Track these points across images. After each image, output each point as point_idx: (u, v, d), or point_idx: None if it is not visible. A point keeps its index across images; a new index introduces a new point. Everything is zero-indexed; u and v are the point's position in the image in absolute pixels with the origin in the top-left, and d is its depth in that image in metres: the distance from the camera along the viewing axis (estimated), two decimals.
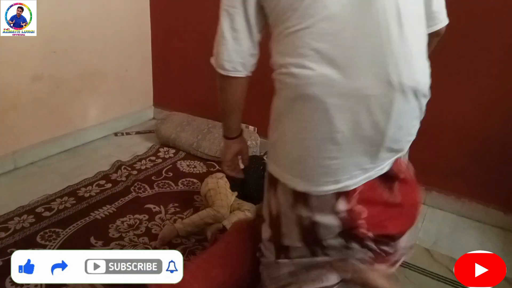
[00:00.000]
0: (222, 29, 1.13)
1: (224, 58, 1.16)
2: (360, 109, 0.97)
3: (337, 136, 0.99)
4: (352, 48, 0.96)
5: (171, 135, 3.04)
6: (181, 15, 3.15)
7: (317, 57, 0.97)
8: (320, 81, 0.97)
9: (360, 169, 1.04)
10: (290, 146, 1.07)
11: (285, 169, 1.08)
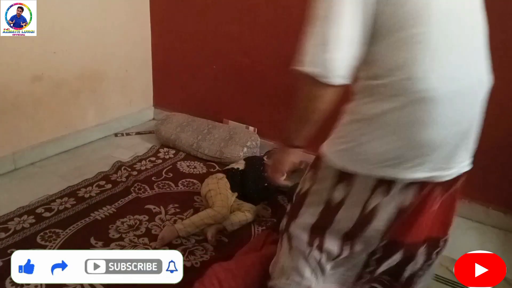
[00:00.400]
0: (336, 31, 0.99)
1: (337, 65, 1.00)
2: (465, 106, 1.06)
3: (442, 132, 1.05)
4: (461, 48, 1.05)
5: (171, 136, 3.04)
6: (181, 15, 3.15)
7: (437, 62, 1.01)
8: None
9: (440, 165, 1.10)
10: (390, 143, 1.06)
11: (374, 163, 1.09)
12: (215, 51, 3.06)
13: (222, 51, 3.03)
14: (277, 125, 2.96)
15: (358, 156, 1.10)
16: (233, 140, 2.87)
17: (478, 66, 1.09)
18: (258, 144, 2.93)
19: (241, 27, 2.86)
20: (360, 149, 1.09)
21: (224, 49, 3.01)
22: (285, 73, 2.86)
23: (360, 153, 1.10)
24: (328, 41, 0.99)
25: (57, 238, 1.97)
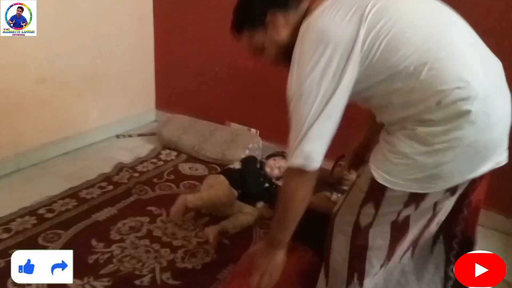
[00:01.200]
0: (325, 119, 1.09)
1: (321, 152, 1.11)
2: (501, 96, 1.11)
3: (491, 144, 1.10)
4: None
5: (173, 138, 3.04)
6: (184, 18, 3.16)
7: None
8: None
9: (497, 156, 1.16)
10: (465, 158, 1.09)
11: (450, 178, 1.12)
12: (218, 53, 3.07)
13: (225, 53, 3.03)
14: (279, 127, 2.95)
15: (435, 178, 1.11)
16: (235, 142, 2.87)
17: (489, 56, 1.15)
18: (260, 146, 2.94)
19: None
20: (437, 173, 1.09)
21: (227, 51, 3.01)
22: (286, 75, 2.86)
23: (437, 175, 1.10)
24: (307, 139, 1.09)
25: (59, 239, 1.97)
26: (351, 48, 1.06)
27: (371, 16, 1.06)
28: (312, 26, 1.12)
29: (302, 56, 1.11)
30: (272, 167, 2.49)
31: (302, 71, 1.10)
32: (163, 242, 2.01)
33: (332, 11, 1.10)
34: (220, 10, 2.94)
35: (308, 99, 1.09)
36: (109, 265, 1.82)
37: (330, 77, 1.07)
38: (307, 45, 1.10)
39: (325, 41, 1.07)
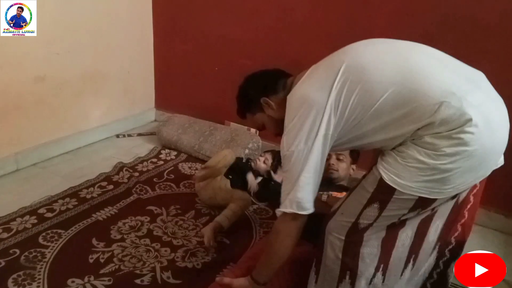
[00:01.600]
0: (310, 164, 1.23)
1: (310, 199, 1.26)
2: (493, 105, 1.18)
3: (497, 148, 1.17)
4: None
5: (173, 137, 3.05)
6: (184, 17, 3.16)
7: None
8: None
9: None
10: (474, 166, 1.14)
11: (459, 184, 1.16)
12: (217, 53, 3.07)
13: (224, 53, 3.03)
14: None
15: (445, 183, 1.14)
16: (234, 142, 2.87)
17: (467, 67, 1.23)
18: (260, 146, 2.94)
19: (243, 29, 2.87)
20: (447, 177, 1.13)
21: (226, 51, 3.02)
22: None
23: (448, 180, 1.13)
24: (298, 187, 1.23)
25: (59, 239, 1.97)
26: (324, 107, 1.20)
27: (339, 79, 1.20)
28: (293, 95, 1.30)
29: (288, 122, 1.28)
30: (256, 160, 2.53)
31: (290, 133, 1.26)
32: (164, 241, 2.01)
33: (309, 80, 1.29)
34: (219, 10, 2.95)
35: (297, 157, 1.23)
36: (109, 265, 1.82)
37: (311, 135, 1.21)
38: (290, 112, 1.28)
39: (304, 105, 1.23)
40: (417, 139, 1.13)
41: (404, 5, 2.25)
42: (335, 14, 2.47)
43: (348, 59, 1.24)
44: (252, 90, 1.56)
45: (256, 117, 1.57)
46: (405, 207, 1.20)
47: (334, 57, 1.31)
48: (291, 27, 2.65)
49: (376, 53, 1.25)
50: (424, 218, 1.30)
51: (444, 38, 1.68)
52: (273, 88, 1.47)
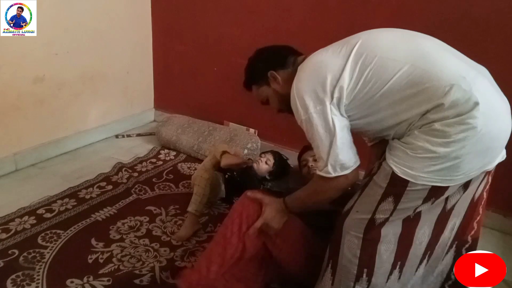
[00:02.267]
0: (336, 126, 1.26)
1: (351, 156, 1.29)
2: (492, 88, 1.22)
3: (502, 134, 1.19)
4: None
5: (172, 137, 3.05)
6: (182, 17, 3.16)
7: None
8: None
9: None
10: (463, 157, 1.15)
11: (469, 170, 1.18)
12: (216, 53, 3.07)
13: (223, 53, 3.04)
14: (277, 127, 2.97)
15: (455, 170, 1.16)
16: (233, 142, 2.87)
17: (470, 60, 1.26)
18: (259, 146, 2.94)
19: (242, 29, 2.87)
20: (457, 164, 1.15)
21: (225, 51, 3.02)
22: None
23: (457, 167, 1.16)
24: (337, 151, 1.26)
25: (58, 239, 1.97)
26: (339, 74, 1.25)
27: (355, 52, 1.25)
28: (308, 62, 1.36)
29: (301, 87, 1.31)
30: (259, 162, 2.45)
31: (305, 99, 1.28)
32: (163, 241, 2.01)
33: (323, 51, 1.35)
34: (218, 10, 2.95)
35: (319, 125, 1.27)
36: (108, 265, 1.82)
37: (326, 97, 1.26)
38: (304, 81, 1.31)
39: (319, 68, 1.29)
40: (426, 126, 1.15)
41: (403, 5, 2.25)
42: (334, 14, 2.47)
43: (363, 38, 1.30)
44: (260, 62, 1.57)
45: (261, 89, 1.58)
46: (419, 198, 1.22)
47: (349, 38, 1.35)
48: (290, 27, 2.65)
49: (391, 36, 1.31)
50: (441, 216, 1.31)
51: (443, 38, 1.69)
52: (282, 62, 1.50)
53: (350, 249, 1.33)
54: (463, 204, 1.33)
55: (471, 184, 1.26)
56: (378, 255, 1.31)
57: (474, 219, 1.40)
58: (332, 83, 1.25)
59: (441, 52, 1.23)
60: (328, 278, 1.42)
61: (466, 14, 2.10)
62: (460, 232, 1.39)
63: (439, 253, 1.41)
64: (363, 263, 1.32)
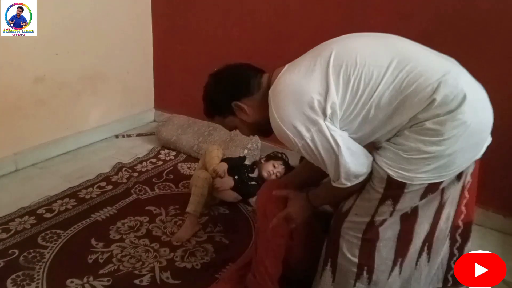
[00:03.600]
0: (338, 144, 1.18)
1: (362, 162, 1.22)
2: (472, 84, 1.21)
3: (488, 125, 1.21)
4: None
5: (172, 138, 3.05)
6: (183, 17, 3.16)
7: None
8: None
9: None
10: (472, 143, 1.17)
11: (461, 163, 1.20)
12: (216, 53, 3.07)
13: (223, 53, 3.03)
14: None
15: (450, 166, 1.17)
16: (233, 142, 2.87)
17: (443, 55, 1.25)
18: (259, 146, 2.94)
19: (242, 29, 2.87)
20: (452, 160, 1.16)
21: (225, 51, 3.02)
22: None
23: (452, 162, 1.16)
24: (347, 166, 1.20)
25: (58, 239, 1.97)
26: (325, 91, 1.17)
27: (333, 64, 1.19)
28: (281, 86, 1.25)
29: (286, 114, 1.21)
30: (270, 173, 2.45)
31: (296, 125, 1.20)
32: (163, 241, 2.01)
33: (294, 70, 1.27)
34: (218, 10, 2.95)
35: (322, 145, 1.19)
36: (108, 265, 1.82)
37: (322, 121, 1.18)
38: (286, 107, 1.22)
39: (300, 98, 1.19)
40: (417, 125, 1.14)
41: (402, 5, 2.25)
42: (334, 14, 2.47)
43: (336, 48, 1.24)
44: (220, 94, 1.44)
45: (227, 120, 1.48)
46: (416, 196, 1.22)
47: (318, 51, 1.29)
48: (290, 27, 2.65)
49: (365, 42, 1.27)
50: (438, 208, 1.31)
51: (442, 37, 1.68)
52: (246, 90, 1.39)
53: (349, 249, 1.33)
54: (455, 193, 1.33)
55: (463, 174, 1.27)
56: (377, 252, 1.31)
57: (461, 204, 1.38)
58: (320, 102, 1.18)
59: (419, 51, 1.22)
60: (329, 276, 1.42)
61: (465, 13, 2.10)
62: (455, 219, 1.40)
63: (439, 245, 1.40)
64: (362, 261, 1.32)
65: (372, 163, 1.23)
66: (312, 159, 1.26)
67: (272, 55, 2.79)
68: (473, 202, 1.42)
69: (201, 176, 2.17)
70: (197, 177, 2.18)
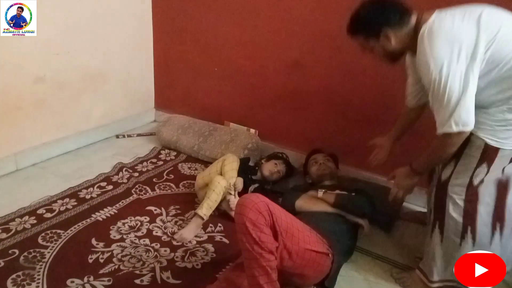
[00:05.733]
0: (468, 87, 1.36)
1: (472, 117, 1.40)
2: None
3: None
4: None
5: (173, 138, 3.05)
6: (183, 18, 3.16)
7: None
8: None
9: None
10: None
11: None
12: (217, 53, 3.07)
13: (224, 53, 3.04)
14: (278, 127, 2.97)
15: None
16: (234, 142, 2.87)
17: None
18: (259, 146, 2.94)
19: (243, 30, 2.87)
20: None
21: (226, 51, 3.02)
22: (286, 75, 2.88)
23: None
24: (470, 94, 1.37)
25: (58, 239, 1.97)
26: (474, 45, 1.36)
27: (484, 23, 1.37)
28: (438, 26, 1.41)
29: (436, 50, 1.38)
30: (272, 171, 2.49)
31: (440, 61, 1.37)
32: (163, 241, 2.01)
33: (448, 16, 1.42)
34: (218, 10, 2.95)
35: (453, 83, 1.36)
36: (109, 265, 1.82)
37: (465, 64, 1.36)
38: (438, 42, 1.38)
39: (453, 39, 1.37)
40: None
41: None
42: (334, 14, 2.47)
43: (487, 9, 1.42)
44: (376, 17, 1.54)
45: (368, 41, 1.60)
46: (506, 160, 1.48)
47: (468, 8, 1.45)
48: (290, 28, 2.65)
49: (508, 15, 1.45)
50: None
51: None
52: (400, 22, 1.52)
53: (454, 209, 1.56)
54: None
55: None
56: (479, 215, 1.53)
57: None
58: (470, 47, 1.35)
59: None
60: (437, 237, 1.65)
61: None
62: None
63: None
64: (466, 221, 1.54)
65: (471, 136, 1.46)
66: (433, 93, 1.41)
67: (273, 55, 2.80)
68: None
69: (221, 183, 2.16)
70: (217, 183, 2.15)
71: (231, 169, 2.30)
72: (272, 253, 1.44)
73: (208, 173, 2.33)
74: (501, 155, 1.46)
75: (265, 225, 1.43)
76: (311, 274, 1.66)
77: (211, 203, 2.10)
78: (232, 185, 2.21)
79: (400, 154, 2.08)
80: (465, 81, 1.35)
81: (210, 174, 2.30)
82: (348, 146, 2.63)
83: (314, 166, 2.39)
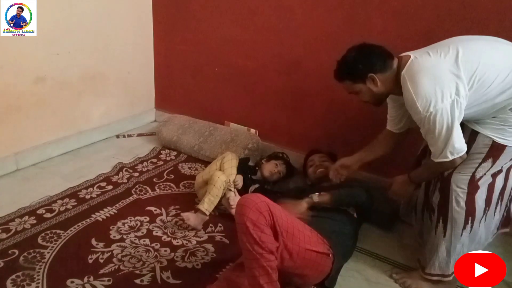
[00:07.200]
0: (454, 122, 1.50)
1: (464, 144, 1.55)
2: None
3: None
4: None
5: (173, 138, 3.05)
6: (183, 18, 3.16)
7: None
8: None
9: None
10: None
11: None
12: (217, 53, 3.07)
13: (224, 53, 3.03)
14: (278, 127, 2.97)
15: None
16: (234, 142, 2.87)
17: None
18: (259, 146, 2.94)
19: (243, 29, 2.87)
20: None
21: (226, 51, 3.02)
22: (286, 75, 2.88)
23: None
24: (453, 141, 1.52)
25: (58, 239, 1.97)
26: (455, 84, 1.47)
27: (462, 62, 1.49)
28: (419, 66, 1.54)
29: (420, 89, 1.51)
30: (272, 172, 2.49)
31: (426, 101, 1.49)
32: (163, 241, 2.01)
33: (425, 55, 1.57)
34: (219, 10, 2.95)
35: (441, 119, 1.49)
36: (109, 265, 1.82)
37: (449, 100, 1.47)
38: (421, 81, 1.51)
39: (434, 77, 1.50)
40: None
41: (403, 4, 2.24)
42: (334, 14, 2.47)
43: (461, 45, 1.53)
44: (362, 64, 1.68)
45: (355, 85, 1.73)
46: (509, 156, 1.58)
47: (441, 44, 1.60)
48: (291, 28, 2.65)
49: (482, 44, 1.57)
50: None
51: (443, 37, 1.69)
52: (383, 67, 1.66)
53: (457, 202, 1.64)
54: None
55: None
56: (476, 203, 1.63)
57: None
58: (454, 81, 1.47)
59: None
60: (441, 232, 1.72)
61: (466, 12, 2.09)
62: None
63: (506, 198, 1.73)
64: (468, 212, 1.63)
65: (479, 135, 1.58)
66: (424, 129, 1.56)
67: (273, 55, 2.80)
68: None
69: (221, 178, 2.17)
70: (217, 178, 2.16)
71: (230, 166, 2.31)
72: (273, 253, 1.44)
73: (208, 171, 2.34)
74: (507, 152, 1.57)
75: (266, 225, 1.43)
76: (311, 274, 1.66)
77: (212, 198, 2.11)
78: (231, 182, 2.21)
79: (398, 154, 2.08)
80: (452, 116, 1.48)
81: (210, 172, 2.31)
82: (348, 146, 2.63)
83: (311, 168, 2.41)
